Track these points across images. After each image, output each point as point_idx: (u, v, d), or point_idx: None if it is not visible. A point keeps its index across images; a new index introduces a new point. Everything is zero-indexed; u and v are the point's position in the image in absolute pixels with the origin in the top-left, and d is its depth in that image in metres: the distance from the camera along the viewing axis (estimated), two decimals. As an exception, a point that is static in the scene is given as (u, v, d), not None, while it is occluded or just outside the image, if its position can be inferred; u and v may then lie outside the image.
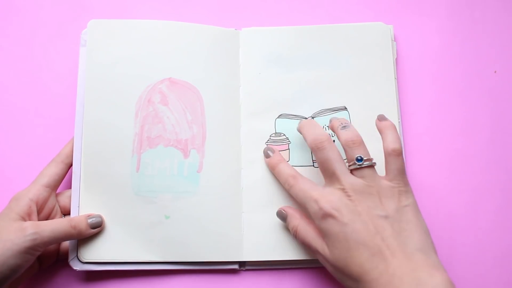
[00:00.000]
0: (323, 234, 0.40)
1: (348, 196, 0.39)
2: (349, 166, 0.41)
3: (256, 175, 0.47)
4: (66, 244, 0.46)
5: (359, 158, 0.40)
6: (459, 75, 0.52)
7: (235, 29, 0.51)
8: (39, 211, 0.43)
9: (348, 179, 0.40)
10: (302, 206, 0.43)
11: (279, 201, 0.47)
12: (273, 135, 0.48)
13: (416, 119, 0.51)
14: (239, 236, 0.46)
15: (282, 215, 0.45)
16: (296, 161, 0.48)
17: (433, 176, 0.49)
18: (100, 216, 0.45)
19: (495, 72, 0.52)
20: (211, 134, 0.47)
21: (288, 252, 0.46)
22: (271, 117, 0.49)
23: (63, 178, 0.46)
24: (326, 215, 0.39)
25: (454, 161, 0.50)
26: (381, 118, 0.43)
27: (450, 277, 0.36)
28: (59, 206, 0.46)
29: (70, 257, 0.45)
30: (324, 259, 0.40)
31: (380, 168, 0.41)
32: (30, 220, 0.42)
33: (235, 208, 0.47)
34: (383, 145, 0.41)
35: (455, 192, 0.49)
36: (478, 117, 0.51)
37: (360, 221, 0.38)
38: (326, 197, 0.39)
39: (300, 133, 0.45)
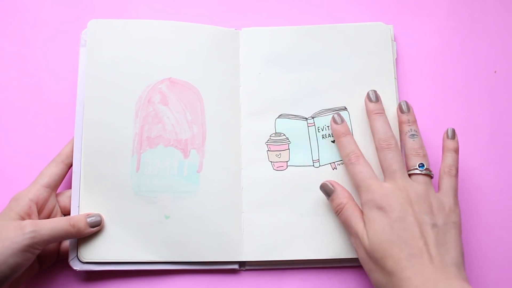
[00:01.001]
0: (368, 221, 0.41)
1: (405, 196, 0.40)
2: (409, 171, 0.43)
3: (256, 175, 0.47)
4: (66, 244, 0.46)
5: (421, 164, 0.42)
6: (459, 75, 0.52)
7: (235, 29, 0.51)
8: (39, 211, 0.44)
9: (408, 181, 0.42)
10: (355, 186, 0.44)
11: (279, 201, 0.47)
12: (273, 135, 0.48)
13: (416, 119, 0.51)
14: (239, 236, 0.46)
15: (327, 189, 0.45)
16: (296, 161, 0.48)
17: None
18: (99, 215, 0.45)
19: (495, 72, 0.52)
20: (211, 134, 0.47)
21: (288, 252, 0.46)
22: (271, 117, 0.49)
23: (63, 178, 0.46)
24: (379, 207, 0.40)
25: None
26: (451, 134, 0.45)
27: None
28: (59, 206, 0.46)
29: (70, 257, 0.45)
30: (360, 244, 0.41)
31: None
32: (30, 219, 0.42)
33: (235, 208, 0.47)
34: (442, 164, 0.44)
35: (455, 192, 0.49)
36: (478, 117, 0.51)
37: (409, 221, 0.39)
38: (383, 191, 0.41)
39: (370, 123, 0.46)
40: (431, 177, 0.43)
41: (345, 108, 0.49)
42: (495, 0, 0.54)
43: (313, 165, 0.48)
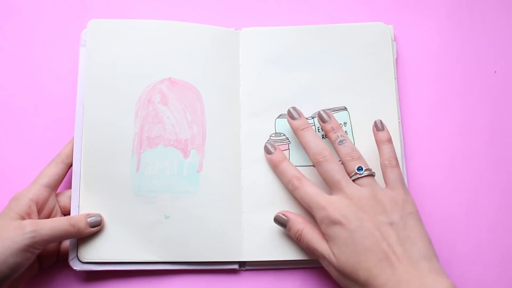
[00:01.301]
0: (329, 239, 0.40)
1: (355, 204, 0.40)
2: (351, 177, 0.42)
3: (256, 175, 0.47)
4: (66, 244, 0.46)
5: (359, 167, 0.42)
6: (459, 75, 0.52)
7: (235, 29, 0.51)
8: (39, 211, 0.44)
9: (353, 188, 0.41)
10: (307, 209, 0.43)
11: (279, 201, 0.47)
12: (273, 135, 0.48)
13: (416, 119, 0.51)
14: (239, 236, 0.46)
15: (281, 220, 0.44)
16: (297, 161, 0.48)
17: (433, 176, 0.49)
18: (99, 215, 0.45)
19: (495, 72, 0.52)
20: (211, 134, 0.47)
21: (288, 252, 0.46)
22: (271, 117, 0.49)
23: (63, 178, 0.46)
24: (334, 222, 0.40)
25: (454, 161, 0.50)
26: (378, 127, 0.45)
27: (452, 281, 0.37)
28: (59, 206, 0.46)
29: (70, 257, 0.45)
30: (329, 264, 0.41)
31: (379, 179, 0.43)
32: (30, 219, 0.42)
33: (235, 208, 0.47)
34: (380, 157, 0.44)
35: (455, 192, 0.49)
36: (478, 117, 0.51)
37: (367, 228, 0.39)
38: (333, 205, 0.40)
39: (299, 140, 0.45)
40: (373, 175, 0.42)
41: (345, 108, 0.49)
42: (495, 0, 0.54)
43: (313, 165, 0.48)
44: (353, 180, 0.42)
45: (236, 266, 0.46)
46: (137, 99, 0.47)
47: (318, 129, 0.48)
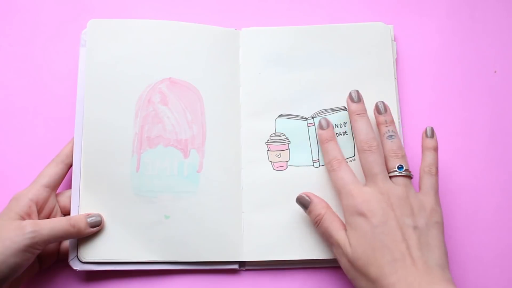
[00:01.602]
0: (350, 228, 0.40)
1: (385, 200, 0.40)
2: (389, 173, 0.42)
3: (256, 175, 0.47)
4: (66, 244, 0.46)
5: (400, 166, 0.42)
6: (459, 75, 0.52)
7: (235, 29, 0.51)
8: (39, 211, 0.44)
9: (388, 184, 0.41)
10: (336, 192, 0.43)
11: (279, 201, 0.47)
12: (273, 135, 0.48)
13: (416, 119, 0.51)
14: (239, 236, 0.46)
15: (303, 201, 0.44)
16: (296, 161, 0.48)
17: (433, 176, 0.49)
18: (99, 216, 0.45)
19: (495, 72, 0.52)
20: (211, 134, 0.47)
21: (288, 252, 0.46)
22: (271, 117, 0.49)
23: (63, 178, 0.46)
24: (360, 213, 0.40)
25: (454, 161, 0.50)
26: (427, 134, 0.45)
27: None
28: (59, 206, 0.46)
29: (70, 257, 0.45)
30: (342, 254, 0.41)
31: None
32: (30, 219, 0.42)
33: (235, 208, 0.47)
34: (422, 163, 0.44)
35: (455, 192, 0.49)
36: (478, 117, 0.51)
37: (390, 226, 0.39)
38: (363, 196, 0.41)
39: (352, 124, 0.45)
40: (411, 178, 0.42)
41: (345, 108, 0.49)
42: (495, 0, 0.54)
43: (313, 165, 0.48)
44: (390, 177, 0.42)
45: (236, 266, 0.46)
46: (137, 99, 0.47)
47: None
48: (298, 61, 0.50)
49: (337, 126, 0.48)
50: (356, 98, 0.45)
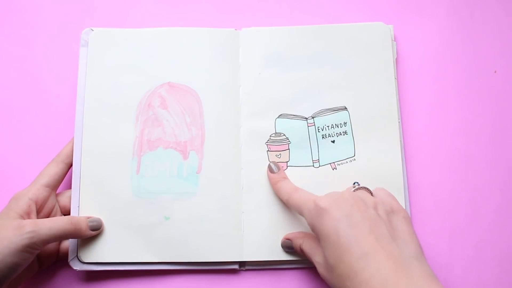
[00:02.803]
0: (318, 235, 0.38)
1: (346, 196, 0.38)
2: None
3: (256, 175, 0.47)
4: (66, 244, 0.46)
5: (356, 182, 0.43)
6: (459, 75, 0.52)
7: (235, 29, 0.51)
8: (38, 211, 0.44)
9: (347, 190, 0.40)
10: (299, 213, 0.41)
11: (279, 201, 0.47)
12: (273, 135, 0.48)
13: (416, 119, 0.51)
14: (239, 236, 0.46)
15: (286, 244, 0.45)
16: (296, 161, 0.48)
17: (433, 176, 0.49)
18: (99, 220, 0.45)
19: (495, 72, 0.52)
20: (210, 135, 0.47)
21: (288, 252, 0.46)
22: (271, 117, 0.49)
23: (63, 178, 0.46)
24: (321, 210, 0.37)
25: (454, 161, 0.50)
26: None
27: (449, 279, 0.36)
28: (59, 206, 0.46)
29: (70, 257, 0.45)
30: (319, 266, 0.39)
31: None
32: (29, 219, 0.42)
33: (235, 208, 0.47)
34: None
35: (455, 192, 0.49)
36: (478, 117, 0.51)
37: (356, 217, 0.36)
38: (324, 199, 0.38)
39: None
40: (370, 191, 0.41)
41: (345, 108, 0.49)
42: (495, 0, 0.54)
43: (313, 165, 0.48)
44: None
45: (236, 266, 0.46)
46: (138, 104, 0.48)
47: (318, 129, 0.48)
48: (298, 61, 0.50)
49: (337, 126, 0.48)
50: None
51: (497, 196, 0.49)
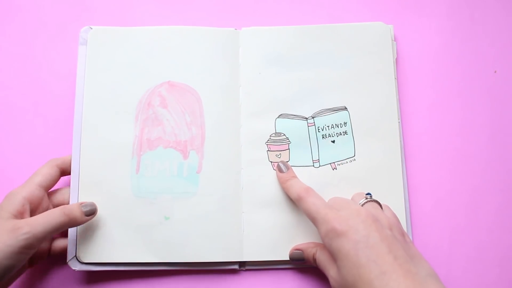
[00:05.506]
0: (333, 254, 0.38)
1: (363, 216, 0.38)
2: (360, 202, 0.42)
3: (256, 175, 0.47)
4: (58, 242, 0.45)
5: (368, 193, 0.43)
6: (459, 75, 0.52)
7: (235, 29, 0.51)
8: (32, 210, 0.43)
9: (359, 206, 0.40)
10: (310, 220, 0.41)
11: (279, 201, 0.47)
12: (273, 135, 0.48)
13: (416, 119, 0.51)
14: (239, 236, 0.46)
15: (297, 256, 0.45)
16: (296, 161, 0.48)
17: (433, 176, 0.49)
18: (93, 204, 0.45)
19: (495, 72, 0.52)
20: (210, 135, 0.47)
21: (288, 252, 0.46)
22: (271, 117, 0.49)
23: (56, 181, 0.45)
24: (339, 234, 0.37)
25: (454, 161, 0.50)
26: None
27: (449, 279, 0.36)
28: (55, 204, 0.45)
29: (69, 257, 0.45)
30: (333, 281, 0.39)
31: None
32: (23, 218, 0.41)
33: (235, 208, 0.47)
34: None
35: (455, 192, 0.49)
36: (477, 117, 0.51)
37: (374, 238, 0.37)
38: (340, 217, 0.38)
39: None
40: (380, 205, 0.42)
41: (345, 108, 0.49)
42: (495, 0, 0.54)
43: (313, 165, 0.48)
44: (361, 205, 0.41)
45: (236, 266, 0.46)
46: (137, 103, 0.48)
47: (318, 129, 0.48)
48: (298, 61, 0.50)
49: (337, 126, 0.48)
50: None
51: (497, 196, 0.49)
